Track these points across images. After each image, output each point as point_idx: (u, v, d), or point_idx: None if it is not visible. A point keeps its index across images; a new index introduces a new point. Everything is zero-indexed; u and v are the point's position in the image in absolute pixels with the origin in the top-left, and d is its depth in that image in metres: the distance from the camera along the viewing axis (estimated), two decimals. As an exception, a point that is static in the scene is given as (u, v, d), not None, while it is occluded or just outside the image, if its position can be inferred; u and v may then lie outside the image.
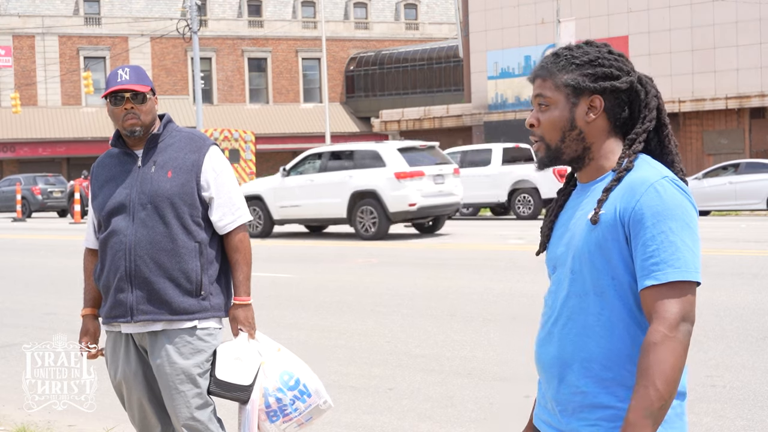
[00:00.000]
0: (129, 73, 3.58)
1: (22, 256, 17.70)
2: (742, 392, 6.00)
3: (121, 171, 3.64)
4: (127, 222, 3.56)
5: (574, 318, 2.17)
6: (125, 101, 3.54)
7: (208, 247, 3.59)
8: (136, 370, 3.63)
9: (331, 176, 18.24)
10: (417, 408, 5.94)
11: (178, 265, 3.52)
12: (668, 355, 2.00)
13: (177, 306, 3.52)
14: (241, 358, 3.55)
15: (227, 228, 3.61)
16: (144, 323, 3.56)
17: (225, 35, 53.99)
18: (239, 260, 3.62)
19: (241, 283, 3.62)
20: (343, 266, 14.02)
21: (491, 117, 37.69)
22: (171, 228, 3.52)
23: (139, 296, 3.53)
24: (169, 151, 3.61)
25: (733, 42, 32.75)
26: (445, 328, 8.51)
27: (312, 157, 19.15)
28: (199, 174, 3.58)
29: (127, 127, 3.56)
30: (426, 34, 58.64)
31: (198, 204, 3.57)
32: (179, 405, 3.53)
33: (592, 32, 32.75)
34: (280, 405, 3.55)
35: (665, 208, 2.07)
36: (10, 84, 48.79)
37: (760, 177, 23.18)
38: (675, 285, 2.04)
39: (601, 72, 2.20)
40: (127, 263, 3.53)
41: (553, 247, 2.30)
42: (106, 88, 3.59)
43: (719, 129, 33.81)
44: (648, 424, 1.99)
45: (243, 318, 3.61)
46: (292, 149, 51.75)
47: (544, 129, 2.22)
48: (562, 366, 2.18)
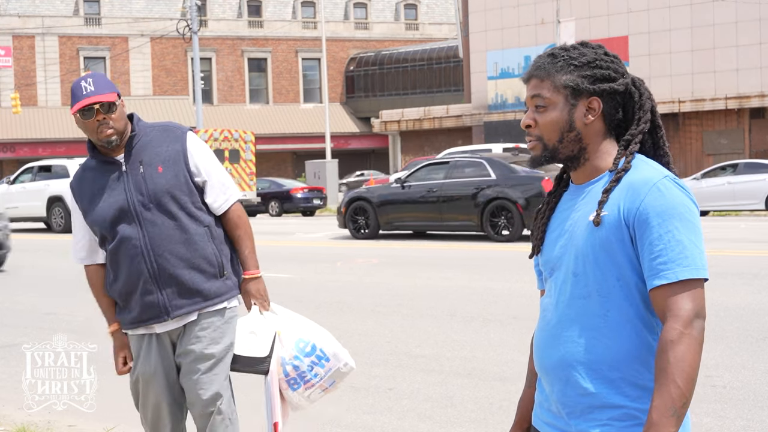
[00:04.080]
0: (93, 83, 3.50)
1: (22, 255, 17.69)
2: (741, 392, 6.00)
3: (108, 180, 3.60)
4: (134, 227, 3.54)
5: (579, 320, 2.17)
6: (95, 113, 3.48)
7: (216, 228, 3.63)
8: (155, 368, 3.63)
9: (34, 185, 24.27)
10: (417, 408, 5.94)
11: (197, 252, 3.55)
12: (686, 352, 2.01)
13: (208, 291, 3.57)
14: (256, 332, 3.59)
15: (223, 208, 3.65)
16: (180, 318, 3.59)
17: (225, 35, 54.00)
18: (241, 235, 3.67)
19: (248, 257, 3.66)
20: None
21: (491, 117, 37.70)
22: (179, 219, 3.54)
23: (169, 293, 3.54)
24: (149, 147, 3.59)
25: (733, 42, 32.76)
26: (445, 329, 8.50)
27: (27, 170, 25.07)
28: (187, 161, 3.59)
29: (103, 139, 3.51)
30: (426, 35, 58.65)
31: (194, 190, 3.60)
32: (206, 387, 3.55)
33: (592, 32, 32.76)
34: (299, 372, 3.55)
35: (670, 208, 2.08)
36: (10, 84, 48.80)
37: (759, 177, 23.29)
38: (685, 283, 2.05)
39: (599, 74, 2.20)
40: (148, 265, 3.53)
41: (548, 249, 2.29)
42: (72, 103, 3.53)
43: (719, 129, 33.82)
44: (672, 423, 2.00)
45: (255, 291, 3.65)
46: (292, 149, 51.78)
47: (542, 130, 2.22)
48: (568, 368, 2.17)
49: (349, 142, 54.26)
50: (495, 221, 17.07)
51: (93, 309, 4.01)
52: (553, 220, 2.31)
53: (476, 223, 17.38)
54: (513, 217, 16.78)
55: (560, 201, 2.33)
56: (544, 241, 2.31)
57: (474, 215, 17.28)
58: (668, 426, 2.00)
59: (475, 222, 17.36)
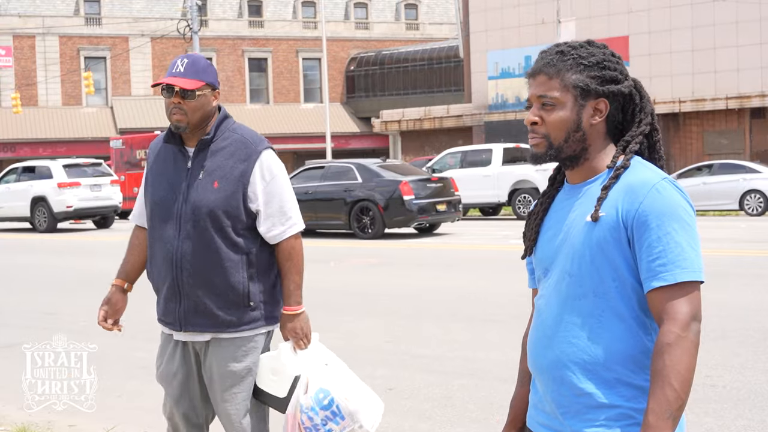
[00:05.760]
0: (186, 65, 3.41)
1: (26, 256, 17.71)
2: (742, 392, 6.00)
3: (174, 169, 3.51)
4: (173, 231, 3.46)
5: (573, 320, 2.16)
6: (174, 95, 3.39)
7: (259, 257, 3.48)
8: (176, 372, 3.57)
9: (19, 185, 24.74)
10: (418, 408, 5.94)
11: (223, 278, 3.42)
12: (682, 355, 2.01)
13: (222, 319, 3.44)
14: (277, 371, 3.48)
15: (276, 239, 3.48)
16: (193, 333, 3.51)
17: (225, 35, 54.00)
18: (290, 269, 3.49)
19: (291, 293, 3.50)
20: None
21: (491, 117, 37.69)
22: (213, 241, 3.41)
23: (187, 307, 3.47)
24: (219, 156, 3.44)
25: (733, 42, 32.75)
26: (446, 329, 8.50)
27: (12, 171, 25.48)
28: (247, 185, 3.42)
29: (173, 122, 3.43)
30: (426, 35, 58.64)
31: (243, 216, 3.43)
32: (226, 404, 3.50)
33: (593, 32, 32.73)
34: (313, 423, 3.42)
35: (669, 210, 2.08)
36: (11, 84, 48.80)
37: (733, 178, 23.87)
38: (683, 285, 2.05)
39: (608, 75, 2.20)
40: (174, 274, 3.46)
41: (543, 249, 2.28)
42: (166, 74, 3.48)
43: (719, 129, 33.81)
44: (669, 425, 2.00)
45: (290, 328, 3.50)
46: (293, 149, 51.78)
47: (549, 128, 2.20)
48: (563, 368, 2.17)
49: (350, 142, 54.26)
50: (361, 220, 18.84)
51: (94, 309, 4.00)
52: (546, 220, 2.30)
53: (345, 222, 19.12)
54: (375, 217, 18.58)
55: (554, 201, 2.32)
56: (537, 242, 2.31)
57: (343, 215, 19.03)
58: (665, 429, 2.00)
59: (344, 221, 19.11)
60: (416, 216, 18.42)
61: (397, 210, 18.35)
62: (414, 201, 18.33)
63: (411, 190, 18.37)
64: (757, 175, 23.66)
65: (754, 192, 23.50)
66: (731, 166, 24.57)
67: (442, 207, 18.94)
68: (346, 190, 18.96)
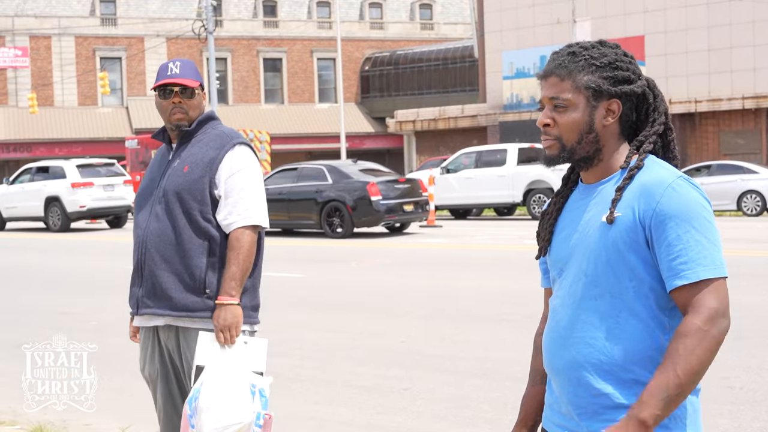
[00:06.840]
0: (180, 66, 3.58)
1: (39, 255, 17.79)
2: (758, 394, 5.96)
3: (158, 163, 3.70)
4: (145, 215, 3.59)
5: (590, 321, 2.15)
6: (173, 95, 3.56)
7: (222, 247, 3.51)
8: (159, 370, 3.64)
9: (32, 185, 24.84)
10: (432, 408, 5.93)
11: (183, 260, 3.49)
12: (697, 346, 2.01)
13: (178, 302, 3.49)
14: (197, 358, 3.46)
15: (229, 228, 3.51)
16: (148, 317, 3.57)
17: (240, 36, 54.10)
18: (231, 259, 3.46)
19: (225, 281, 3.46)
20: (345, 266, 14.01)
21: (506, 117, 37.61)
22: (178, 223, 3.50)
23: (146, 289, 3.54)
24: (195, 147, 3.59)
25: (750, 41, 32.57)
26: (460, 329, 8.49)
27: (26, 171, 25.34)
28: (215, 172, 3.53)
29: (173, 121, 3.58)
30: (441, 34, 58.58)
31: (208, 201, 3.52)
32: None
33: (608, 32, 32.63)
34: (188, 414, 3.35)
35: (687, 208, 2.07)
36: (27, 84, 49.04)
37: (731, 179, 23.94)
38: (707, 282, 2.05)
39: (620, 76, 2.19)
40: (139, 255, 3.57)
41: (557, 249, 2.27)
42: (156, 80, 3.60)
43: (736, 129, 33.63)
44: (660, 406, 1.99)
45: (215, 316, 3.46)
46: (308, 149, 51.84)
47: (561, 130, 2.19)
48: (579, 369, 2.15)
49: (364, 142, 54.23)
50: (331, 220, 19.23)
51: (107, 308, 4.01)
52: (560, 220, 2.29)
53: (316, 222, 19.49)
54: (344, 217, 18.93)
55: (568, 201, 2.31)
56: (552, 242, 2.29)
57: (314, 215, 19.43)
58: (655, 408, 1.99)
59: (316, 221, 19.48)
60: (383, 216, 18.86)
61: (365, 210, 18.77)
62: (381, 201, 18.74)
63: (378, 191, 18.78)
64: (754, 176, 23.80)
65: (751, 192, 23.65)
66: (729, 167, 24.65)
67: (409, 207, 19.40)
68: (318, 191, 19.38)
